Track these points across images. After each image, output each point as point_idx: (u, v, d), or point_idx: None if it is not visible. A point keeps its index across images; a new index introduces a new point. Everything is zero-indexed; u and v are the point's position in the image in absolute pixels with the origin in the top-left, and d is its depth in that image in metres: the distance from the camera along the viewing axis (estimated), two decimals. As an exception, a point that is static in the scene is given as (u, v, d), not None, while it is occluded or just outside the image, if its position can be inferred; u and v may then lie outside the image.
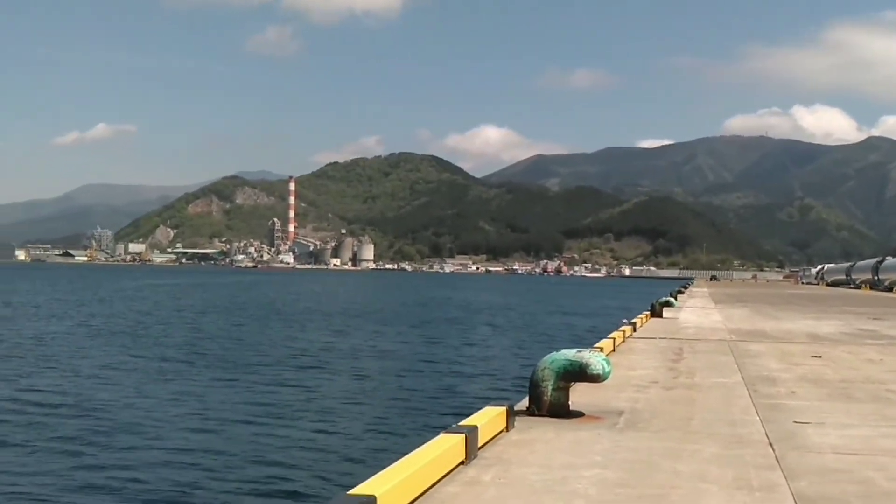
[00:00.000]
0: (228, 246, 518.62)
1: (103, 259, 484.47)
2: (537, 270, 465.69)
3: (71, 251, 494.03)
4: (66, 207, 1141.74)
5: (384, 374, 31.11)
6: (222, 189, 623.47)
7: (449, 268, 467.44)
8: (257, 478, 15.38)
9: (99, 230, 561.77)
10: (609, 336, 16.23)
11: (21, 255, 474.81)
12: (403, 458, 5.68)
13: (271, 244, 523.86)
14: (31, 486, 14.55)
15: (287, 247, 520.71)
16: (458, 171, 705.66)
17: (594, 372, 8.00)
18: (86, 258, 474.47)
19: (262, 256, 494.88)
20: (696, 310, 31.18)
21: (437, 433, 6.47)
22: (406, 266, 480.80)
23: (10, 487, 14.46)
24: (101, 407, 22.32)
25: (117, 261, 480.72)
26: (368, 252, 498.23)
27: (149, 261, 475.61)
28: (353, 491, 4.80)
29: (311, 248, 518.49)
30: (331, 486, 14.55)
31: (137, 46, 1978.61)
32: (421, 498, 5.47)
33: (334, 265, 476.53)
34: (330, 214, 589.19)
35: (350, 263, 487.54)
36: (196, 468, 16.01)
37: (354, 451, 17.68)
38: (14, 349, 36.67)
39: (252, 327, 53.48)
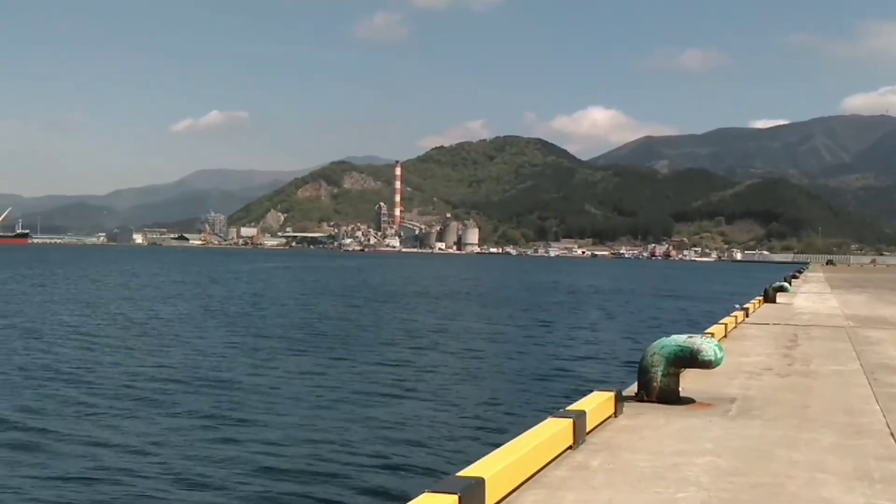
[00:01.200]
0: (336, 230, 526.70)
1: (216, 242, 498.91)
2: (645, 254, 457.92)
3: (186, 235, 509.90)
4: (181, 192, 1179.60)
5: (492, 358, 31.29)
6: (331, 174, 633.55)
7: (554, 252, 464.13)
8: (368, 455, 15.73)
9: (212, 214, 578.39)
10: (720, 321, 15.98)
11: (139, 238, 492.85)
12: (511, 442, 5.67)
13: (378, 228, 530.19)
14: (166, 457, 15.31)
15: (393, 231, 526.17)
16: (564, 153, 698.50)
17: (706, 358, 7.93)
18: (200, 242, 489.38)
19: (368, 240, 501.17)
20: (811, 295, 30.32)
21: (545, 417, 6.49)
22: (510, 250, 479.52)
23: (150, 458, 15.23)
24: (225, 383, 23.47)
25: (230, 244, 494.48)
26: (473, 236, 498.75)
27: (260, 244, 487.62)
28: (461, 472, 4.81)
29: (417, 232, 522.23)
30: (439, 466, 14.75)
31: (249, 34, 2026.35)
32: (529, 481, 5.44)
33: (439, 249, 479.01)
34: (435, 198, 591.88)
35: (455, 247, 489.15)
36: (311, 444, 16.55)
37: (462, 433, 17.89)
38: (142, 329, 38.42)
39: (366, 309, 54.71)
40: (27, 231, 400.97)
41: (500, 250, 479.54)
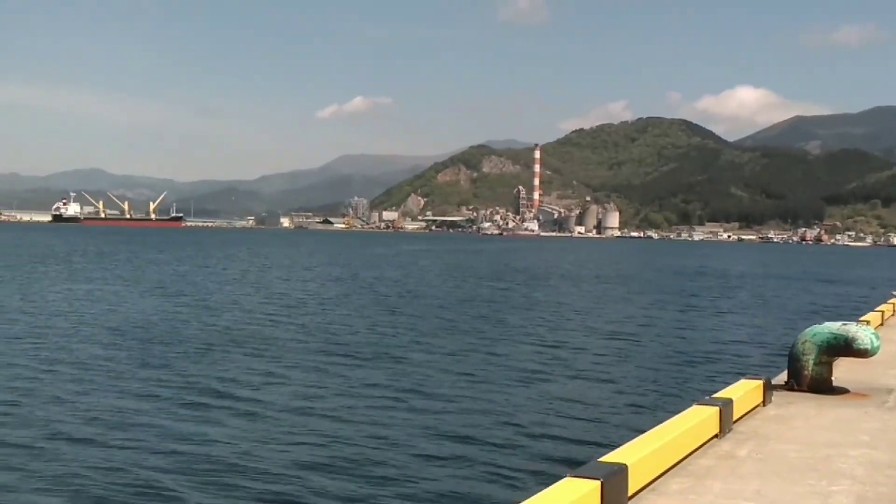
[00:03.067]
0: (475, 214, 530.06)
1: (359, 226, 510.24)
2: (794, 239, 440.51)
3: (330, 219, 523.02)
4: (325, 177, 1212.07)
5: (636, 342, 31.00)
6: (470, 158, 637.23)
7: (698, 235, 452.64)
8: (509, 438, 15.88)
9: (356, 199, 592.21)
10: (876, 309, 15.31)
11: (286, 222, 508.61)
12: (655, 428, 5.60)
13: (516, 212, 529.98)
14: (348, 419, 15.93)
15: (532, 214, 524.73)
16: (710, 134, 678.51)
17: (861, 347, 7.64)
18: (343, 225, 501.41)
19: (507, 224, 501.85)
20: (978, 283, 28.53)
21: (690, 404, 6.42)
22: (652, 234, 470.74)
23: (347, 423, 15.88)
24: (385, 358, 24.63)
25: (372, 228, 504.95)
26: (613, 219, 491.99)
27: (401, 228, 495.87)
28: (604, 458, 4.77)
29: (556, 216, 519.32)
30: (581, 451, 14.75)
31: (394, 20, 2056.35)
32: (673, 469, 5.36)
33: (578, 233, 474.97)
34: (575, 182, 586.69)
35: (594, 231, 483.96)
36: (453, 425, 16.84)
37: (605, 418, 17.80)
38: (310, 307, 39.92)
39: (513, 292, 55.66)
40: (181, 215, 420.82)
41: (642, 234, 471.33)
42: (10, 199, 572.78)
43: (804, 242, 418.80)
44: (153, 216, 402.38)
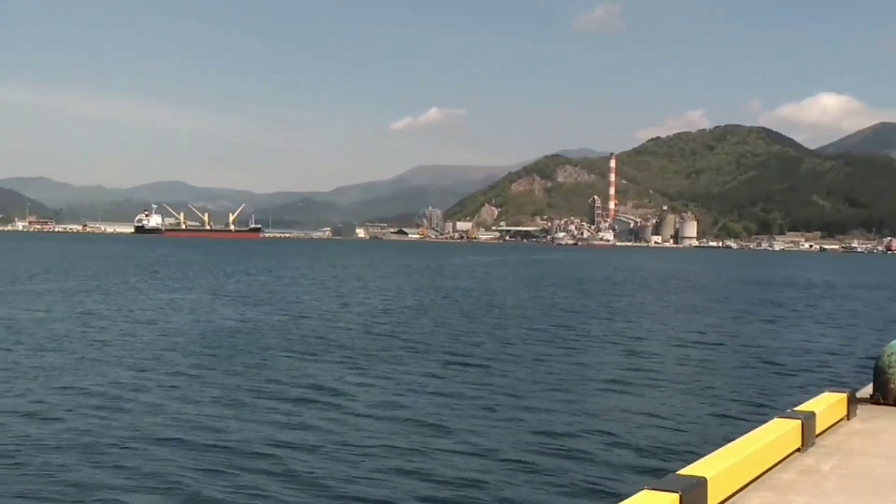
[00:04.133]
0: (549, 224, 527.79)
1: (434, 237, 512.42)
2: (879, 248, 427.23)
3: (404, 229, 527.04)
4: (400, 188, 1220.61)
5: (717, 352, 30.70)
6: (544, 168, 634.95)
7: (779, 245, 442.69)
8: (587, 448, 15.85)
9: (430, 209, 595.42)
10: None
11: (361, 233, 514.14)
12: (735, 441, 5.48)
13: (591, 222, 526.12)
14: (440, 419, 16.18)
15: (607, 224, 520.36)
16: (790, 142, 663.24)
17: (950, 360, 7.49)
18: (418, 235, 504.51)
19: (582, 234, 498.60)
20: None
21: (771, 417, 6.31)
22: (731, 244, 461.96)
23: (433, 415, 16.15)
24: (469, 365, 24.48)
25: (446, 238, 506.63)
26: (691, 229, 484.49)
27: (474, 238, 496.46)
28: (683, 471, 4.69)
29: (632, 226, 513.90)
30: (659, 463, 14.65)
31: (468, 31, 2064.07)
32: (753, 483, 5.24)
33: (655, 243, 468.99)
34: (651, 191, 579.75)
35: (671, 241, 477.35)
36: (529, 433, 16.86)
37: (684, 429, 17.64)
38: (397, 316, 40.48)
39: (596, 300, 56.05)
40: (259, 226, 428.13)
41: (720, 244, 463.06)
42: (94, 211, 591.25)
43: (890, 252, 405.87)
44: (232, 227, 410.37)
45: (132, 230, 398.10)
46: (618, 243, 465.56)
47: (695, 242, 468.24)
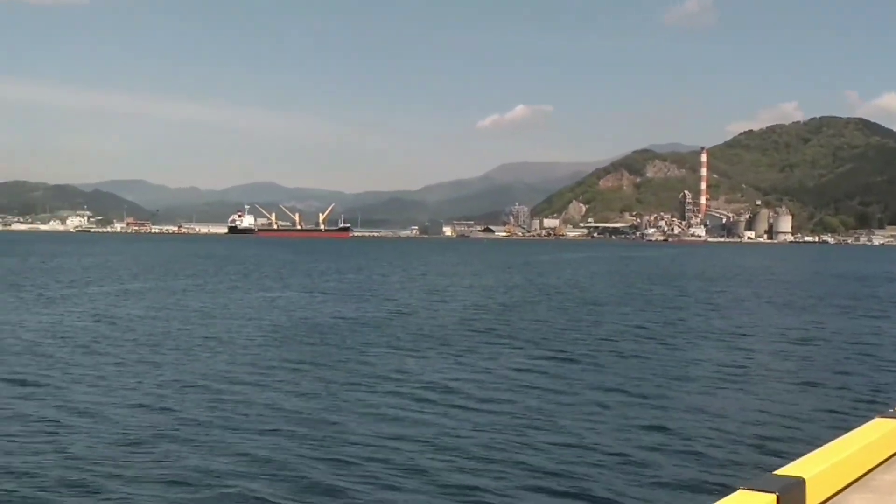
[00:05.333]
0: (638, 220, 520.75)
1: (520, 234, 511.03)
2: None
3: (491, 227, 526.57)
4: (486, 186, 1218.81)
5: (818, 349, 30.37)
6: (633, 163, 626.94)
7: (878, 240, 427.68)
8: (682, 446, 15.98)
9: (516, 206, 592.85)
10: None
11: (448, 231, 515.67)
12: (834, 441, 5.38)
13: (682, 217, 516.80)
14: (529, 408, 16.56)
15: (698, 220, 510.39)
16: (890, 133, 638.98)
17: None
18: (505, 233, 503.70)
19: (672, 230, 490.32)
20: None
21: (872, 417, 6.21)
22: (828, 238, 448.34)
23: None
24: (570, 359, 24.69)
25: (533, 235, 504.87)
26: (786, 224, 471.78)
27: (562, 235, 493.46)
28: (780, 471, 4.62)
29: (724, 221, 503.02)
30: (756, 463, 14.65)
31: (557, 27, 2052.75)
32: (854, 485, 5.10)
33: (748, 238, 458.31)
34: (744, 185, 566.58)
35: (765, 236, 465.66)
36: (623, 430, 17.02)
37: (780, 429, 17.50)
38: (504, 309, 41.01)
39: (692, 297, 56.07)
40: (349, 225, 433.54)
41: (817, 239, 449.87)
42: (189, 212, 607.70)
43: None
44: (322, 227, 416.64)
45: (226, 230, 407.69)
46: (709, 239, 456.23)
47: (790, 238, 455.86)
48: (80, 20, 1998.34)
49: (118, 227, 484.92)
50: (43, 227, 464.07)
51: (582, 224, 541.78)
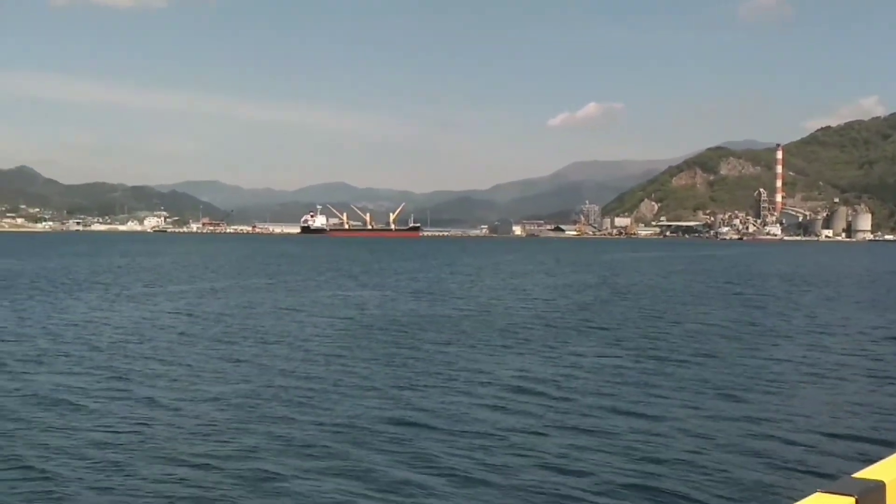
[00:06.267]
0: (712, 218, 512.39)
1: (591, 233, 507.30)
2: None
3: (561, 226, 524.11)
4: (556, 184, 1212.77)
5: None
6: (706, 161, 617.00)
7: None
8: (758, 447, 16.00)
9: (587, 205, 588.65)
10: None
11: (518, 230, 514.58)
12: None
13: (757, 215, 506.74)
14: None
15: (774, 218, 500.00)
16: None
17: None
18: (575, 232, 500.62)
19: (746, 228, 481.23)
20: None
21: None
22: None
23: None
24: (651, 357, 24.89)
25: (604, 234, 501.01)
26: (865, 222, 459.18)
27: (634, 234, 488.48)
28: (859, 474, 4.51)
29: (800, 219, 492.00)
30: (833, 465, 14.63)
31: (627, 24, 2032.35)
32: None
33: (825, 236, 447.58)
34: (821, 183, 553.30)
35: (843, 235, 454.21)
36: (709, 429, 17.12)
37: (860, 431, 17.41)
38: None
39: (774, 296, 55.62)
40: (418, 224, 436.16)
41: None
42: (263, 212, 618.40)
43: None
44: (393, 226, 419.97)
45: (298, 230, 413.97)
46: (785, 237, 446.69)
47: (869, 236, 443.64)
48: (157, 23, 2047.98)
49: (194, 227, 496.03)
50: (121, 228, 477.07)
51: (654, 223, 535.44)
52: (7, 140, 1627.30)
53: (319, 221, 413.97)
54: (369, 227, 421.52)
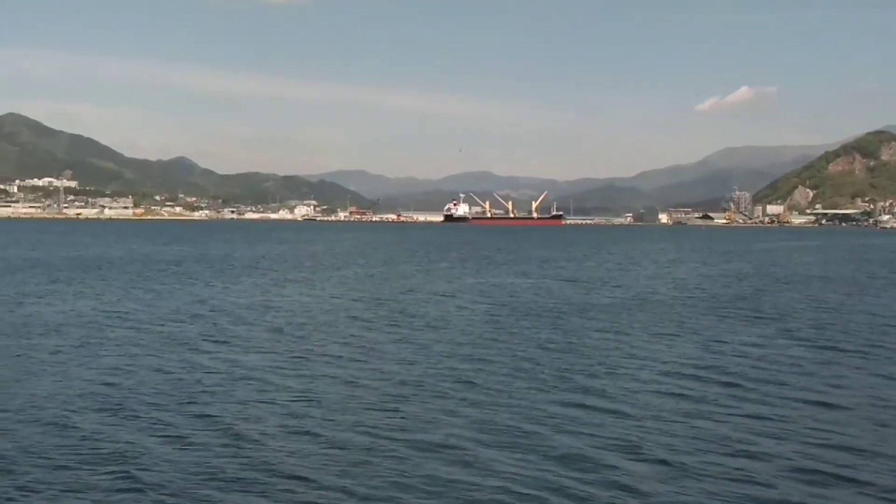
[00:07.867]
0: (872, 206, 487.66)
1: (741, 221, 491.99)
2: None
3: (710, 214, 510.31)
4: (705, 171, 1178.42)
5: None
6: (866, 145, 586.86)
7: None
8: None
9: (737, 192, 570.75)
10: None
11: (664, 218, 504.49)
12: None
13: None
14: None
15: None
16: None
17: None
18: (724, 220, 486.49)
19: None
20: None
21: None
22: None
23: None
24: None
25: (755, 223, 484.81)
26: None
27: (787, 222, 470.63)
28: None
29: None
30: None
31: (777, 4, 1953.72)
32: None
33: None
34: None
35: None
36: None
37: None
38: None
39: None
40: (561, 213, 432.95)
41: None
42: (408, 201, 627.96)
43: None
44: (535, 215, 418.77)
45: (441, 219, 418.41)
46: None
47: None
48: (308, 18, 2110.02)
49: (342, 215, 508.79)
50: (273, 216, 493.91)
51: (808, 211, 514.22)
52: (168, 133, 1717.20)
53: (462, 210, 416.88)
54: (511, 215, 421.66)
